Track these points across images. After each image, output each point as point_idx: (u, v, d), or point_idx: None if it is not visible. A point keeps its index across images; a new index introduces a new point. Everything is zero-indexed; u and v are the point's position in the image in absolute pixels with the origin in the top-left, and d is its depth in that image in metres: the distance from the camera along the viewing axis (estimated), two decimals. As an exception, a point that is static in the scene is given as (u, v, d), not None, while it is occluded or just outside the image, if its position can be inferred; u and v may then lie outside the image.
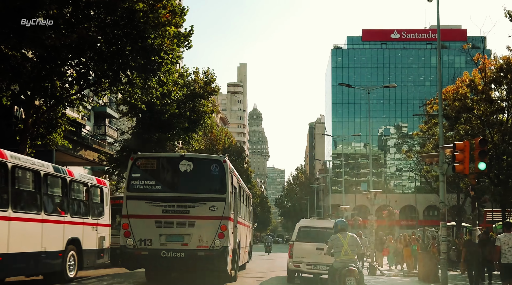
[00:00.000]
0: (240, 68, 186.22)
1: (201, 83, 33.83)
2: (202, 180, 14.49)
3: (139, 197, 14.17)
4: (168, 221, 13.96)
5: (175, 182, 14.62)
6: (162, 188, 14.38)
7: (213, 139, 69.25)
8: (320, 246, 15.69)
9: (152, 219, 13.96)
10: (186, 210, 14.03)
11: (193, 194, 14.17)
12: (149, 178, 14.37)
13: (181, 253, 13.76)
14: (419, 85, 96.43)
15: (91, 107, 41.02)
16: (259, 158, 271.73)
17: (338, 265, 10.28)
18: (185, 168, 14.37)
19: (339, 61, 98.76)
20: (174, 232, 13.94)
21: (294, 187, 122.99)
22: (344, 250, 10.21)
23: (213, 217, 14.00)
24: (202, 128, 33.77)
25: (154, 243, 13.83)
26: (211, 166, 14.51)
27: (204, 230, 13.96)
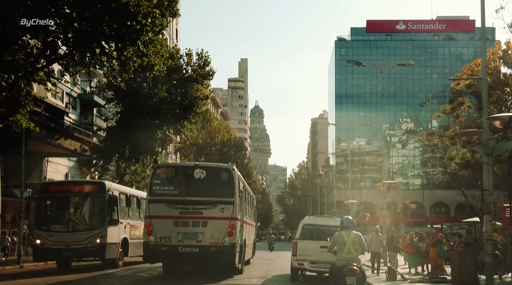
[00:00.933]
0: (241, 63, 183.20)
1: (194, 67, 30.78)
2: (213, 185, 16.69)
3: (160, 200, 16.45)
4: (185, 221, 16.29)
5: (190, 188, 16.95)
6: (179, 193, 16.83)
7: (211, 132, 66.11)
8: (324, 244, 15.72)
9: (170, 219, 16.25)
10: (200, 211, 16.32)
11: (206, 198, 16.47)
12: (168, 184, 16.95)
13: (195, 248, 16.04)
14: (426, 78, 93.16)
15: (77, 94, 37.99)
16: (261, 155, 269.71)
17: (339, 264, 9.92)
18: (199, 175, 16.71)
19: (343, 53, 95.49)
20: (190, 230, 16.22)
21: (296, 184, 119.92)
22: (347, 248, 9.86)
23: (223, 218, 16.27)
24: (196, 115, 30.62)
25: (172, 240, 16.11)
26: (221, 173, 16.86)
27: (216, 229, 16.20)
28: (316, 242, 16.61)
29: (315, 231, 17.12)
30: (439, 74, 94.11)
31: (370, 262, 20.61)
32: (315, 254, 16.55)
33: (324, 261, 16.08)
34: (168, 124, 29.52)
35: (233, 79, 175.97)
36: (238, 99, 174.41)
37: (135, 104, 27.67)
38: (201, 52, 30.61)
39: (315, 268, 16.81)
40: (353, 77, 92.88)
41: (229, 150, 65.36)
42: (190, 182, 16.95)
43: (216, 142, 64.91)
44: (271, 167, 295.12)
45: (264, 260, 29.19)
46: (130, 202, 22.98)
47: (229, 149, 65.39)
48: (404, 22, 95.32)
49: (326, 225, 17.11)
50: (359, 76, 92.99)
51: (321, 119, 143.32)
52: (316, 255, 16.54)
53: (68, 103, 36.14)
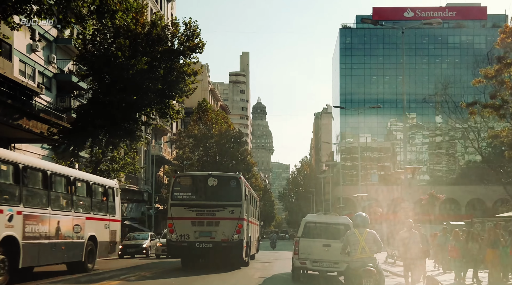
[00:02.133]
0: (243, 57, 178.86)
1: (181, 38, 26.63)
2: (224, 191, 19.80)
3: (180, 204, 19.48)
4: (200, 221, 19.37)
5: (205, 193, 19.89)
6: (196, 198, 19.87)
7: (208, 123, 61.87)
8: (327, 242, 15.97)
9: (189, 220, 19.31)
10: (213, 213, 19.41)
11: (217, 201, 19.60)
12: (186, 190, 19.96)
13: (210, 244, 19.17)
14: (435, 68, 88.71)
15: (53, 74, 33.78)
16: (263, 152, 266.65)
17: (354, 265, 9.25)
18: (212, 183, 19.76)
19: (348, 42, 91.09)
20: (205, 229, 19.32)
21: (298, 180, 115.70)
22: (361, 247, 9.18)
23: (232, 218, 19.39)
24: (182, 93, 26.46)
25: (190, 237, 19.19)
26: (230, 181, 20.03)
27: (226, 228, 19.33)
28: (319, 240, 16.33)
29: (317, 228, 16.78)
30: (448, 63, 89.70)
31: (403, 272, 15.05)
32: (317, 253, 16.17)
33: (327, 260, 15.99)
34: (150, 103, 25.32)
35: (234, 73, 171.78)
36: (240, 93, 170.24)
37: (108, 78, 23.49)
38: (189, 21, 26.49)
39: (318, 267, 16.37)
40: (359, 66, 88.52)
41: (228, 142, 61.08)
42: (204, 189, 20.07)
43: (214, 133, 60.69)
44: (274, 164, 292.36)
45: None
46: (33, 181, 14.23)
47: (228, 141, 61.11)
48: (412, 9, 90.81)
49: (329, 222, 16.84)
50: (364, 66, 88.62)
51: (324, 113, 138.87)
52: (318, 253, 16.16)
53: (41, 83, 31.94)
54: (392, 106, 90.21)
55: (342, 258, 14.57)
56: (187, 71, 26.19)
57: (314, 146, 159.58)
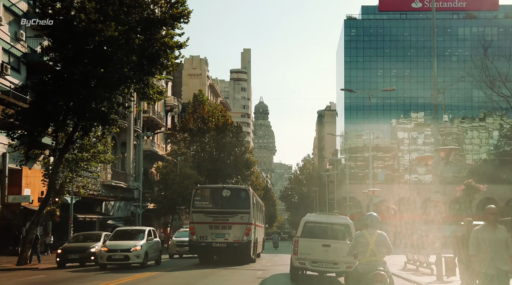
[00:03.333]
0: (244, 54, 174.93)
1: (163, 5, 22.70)
2: (235, 200, 24.31)
3: (199, 211, 24.02)
4: (216, 225, 23.76)
5: (220, 202, 24.35)
6: (212, 206, 24.31)
7: (205, 117, 57.85)
8: (326, 242, 15.93)
9: (207, 224, 23.76)
10: (227, 219, 23.85)
11: (230, 209, 24.06)
12: (205, 200, 24.48)
13: (224, 244, 23.50)
14: (445, 61, 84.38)
15: (22, 54, 29.77)
16: (265, 152, 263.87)
17: (362, 268, 8.59)
18: (226, 193, 24.47)
19: (353, 34, 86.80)
20: (220, 231, 23.72)
21: (301, 179, 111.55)
22: (370, 250, 8.57)
23: (242, 223, 23.89)
24: (163, 68, 22.45)
25: (208, 238, 23.58)
26: (241, 192, 24.84)
27: (237, 231, 23.74)
28: (319, 240, 16.12)
29: (317, 228, 16.55)
30: (459, 56, 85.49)
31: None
32: (317, 253, 16.00)
33: (326, 260, 15.92)
34: (125, 80, 21.30)
35: (235, 70, 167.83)
36: (241, 91, 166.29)
37: (70, 47, 19.48)
38: (172, -15, 22.53)
39: (317, 267, 16.18)
40: (364, 59, 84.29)
41: (225, 136, 57.07)
42: (219, 198, 24.15)
43: (210, 127, 56.69)
44: (276, 165, 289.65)
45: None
46: None
47: (225, 135, 57.11)
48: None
49: (329, 222, 16.74)
50: (370, 59, 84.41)
51: (328, 111, 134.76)
52: (318, 254, 15.99)
53: (7, 63, 27.95)
54: (399, 102, 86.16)
55: (341, 259, 15.22)
56: (169, 43, 22.17)
57: (317, 145, 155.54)
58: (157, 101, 24.54)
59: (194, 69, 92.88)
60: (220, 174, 56.06)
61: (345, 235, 15.70)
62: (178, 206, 47.54)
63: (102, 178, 42.66)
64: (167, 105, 64.26)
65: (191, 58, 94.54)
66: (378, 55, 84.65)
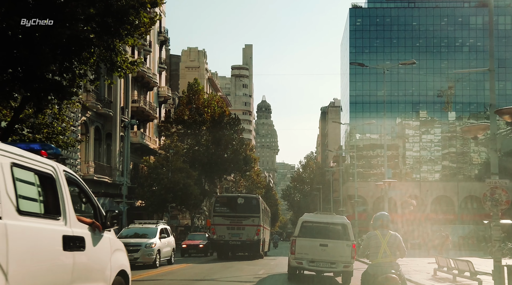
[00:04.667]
0: (245, 50, 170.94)
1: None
2: (248, 207, 29.62)
3: (219, 215, 29.58)
4: (233, 226, 29.08)
5: (235, 208, 29.73)
6: (229, 211, 29.69)
7: (200, 107, 53.65)
8: (323, 242, 16.03)
9: (225, 226, 29.14)
10: (241, 221, 29.15)
11: (244, 213, 29.34)
12: (223, 206, 30.16)
13: (238, 242, 28.75)
14: (455, 51, 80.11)
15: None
16: (268, 152, 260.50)
17: (373, 270, 8.25)
18: (240, 201, 30.09)
19: (359, 23, 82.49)
20: (235, 232, 29.00)
21: (304, 177, 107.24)
22: (383, 251, 8.26)
23: (253, 225, 29.17)
24: (133, 30, 18.19)
25: (226, 237, 29.01)
26: (252, 200, 30.69)
27: (249, 231, 28.94)
28: (316, 240, 16.17)
29: (314, 228, 16.64)
30: (470, 47, 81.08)
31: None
32: (314, 253, 16.01)
33: (324, 260, 15.95)
34: (80, 40, 16.97)
35: (236, 67, 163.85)
36: (242, 88, 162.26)
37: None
38: None
39: (314, 267, 16.21)
40: (370, 49, 79.97)
41: (222, 129, 52.81)
42: (235, 205, 30.03)
43: (206, 118, 52.47)
44: (279, 165, 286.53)
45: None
46: None
47: (222, 127, 52.86)
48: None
49: (326, 222, 16.86)
50: (377, 49, 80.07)
51: (331, 107, 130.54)
52: (315, 253, 16.00)
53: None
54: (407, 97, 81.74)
55: (339, 258, 15.53)
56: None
57: (321, 142, 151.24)
58: (131, 73, 20.23)
59: (192, 61, 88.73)
60: (217, 169, 51.92)
61: (342, 235, 16.04)
62: (169, 204, 43.34)
63: (82, 172, 38.54)
64: (161, 96, 60.10)
65: (188, 50, 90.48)
66: (385, 46, 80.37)
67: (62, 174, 5.66)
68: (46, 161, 5.45)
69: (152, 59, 57.19)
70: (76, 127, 35.81)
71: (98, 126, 42.03)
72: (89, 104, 39.04)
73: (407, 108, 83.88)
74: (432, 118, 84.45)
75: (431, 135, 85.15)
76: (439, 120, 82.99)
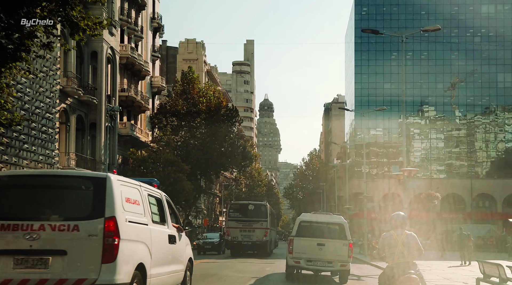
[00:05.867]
0: (247, 45, 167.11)
1: None
2: (257, 212, 34.20)
3: (233, 219, 34.34)
4: (244, 229, 33.46)
5: (247, 213, 34.22)
6: (241, 216, 34.14)
7: (195, 97, 49.82)
8: (321, 241, 16.39)
9: (238, 228, 33.55)
10: (251, 225, 33.51)
11: (254, 218, 33.84)
12: (236, 211, 34.85)
13: (249, 242, 33.33)
14: (466, 42, 76.12)
15: None
16: (270, 151, 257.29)
17: (391, 271, 7.99)
18: (251, 207, 34.79)
19: (364, 12, 78.41)
20: (247, 233, 33.34)
21: (307, 175, 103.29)
22: (399, 252, 8.00)
23: (262, 228, 33.58)
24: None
25: (238, 238, 33.36)
26: (261, 207, 35.34)
27: (259, 233, 33.36)
28: (313, 239, 16.47)
29: (312, 228, 16.93)
30: (482, 37, 77.06)
31: None
32: (312, 252, 16.33)
33: (321, 259, 16.23)
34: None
35: (238, 63, 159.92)
36: (244, 84, 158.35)
37: None
38: None
39: (311, 266, 16.57)
40: (377, 40, 75.91)
41: (219, 120, 48.93)
42: (246, 211, 34.52)
43: (201, 109, 48.64)
44: (281, 164, 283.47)
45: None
46: None
47: (219, 119, 48.97)
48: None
49: (324, 221, 17.17)
50: (383, 39, 76.01)
51: (335, 103, 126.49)
52: (312, 253, 16.32)
53: None
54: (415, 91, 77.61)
55: (336, 258, 16.10)
56: None
57: (324, 140, 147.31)
58: (95, 36, 16.36)
59: (190, 53, 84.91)
60: (212, 163, 48.09)
61: (339, 234, 16.32)
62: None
63: (61, 164, 34.76)
64: (154, 86, 56.31)
65: (186, 42, 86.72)
66: (392, 36, 76.29)
67: (164, 198, 9.56)
68: (157, 190, 9.41)
69: (144, 46, 53.40)
70: (54, 114, 32.04)
71: (80, 115, 38.25)
72: (69, 90, 35.25)
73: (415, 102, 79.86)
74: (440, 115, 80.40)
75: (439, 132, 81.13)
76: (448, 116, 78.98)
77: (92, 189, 7.10)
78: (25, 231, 6.76)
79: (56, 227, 6.78)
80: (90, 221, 6.86)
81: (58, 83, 33.49)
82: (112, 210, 6.88)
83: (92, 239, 6.79)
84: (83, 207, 7.03)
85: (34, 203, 7.17)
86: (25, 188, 7.36)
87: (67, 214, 7.00)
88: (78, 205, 7.13)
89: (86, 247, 6.79)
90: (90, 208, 6.96)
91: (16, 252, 6.78)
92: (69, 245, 6.78)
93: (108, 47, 41.32)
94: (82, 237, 6.79)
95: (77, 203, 7.14)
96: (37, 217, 6.84)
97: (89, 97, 37.79)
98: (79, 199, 7.17)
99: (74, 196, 7.28)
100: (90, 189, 7.10)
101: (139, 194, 8.00)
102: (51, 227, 6.79)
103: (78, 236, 6.79)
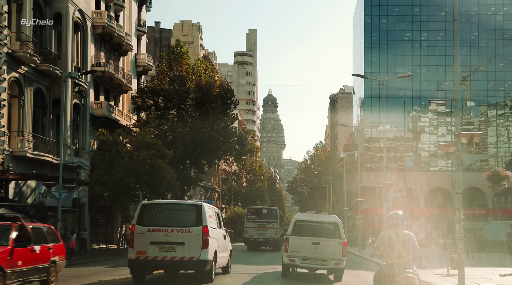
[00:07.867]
0: (249, 35, 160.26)
1: None
2: (270, 215, 41.35)
3: (250, 221, 41.17)
4: (259, 228, 40.44)
5: (261, 215, 41.14)
6: (257, 218, 40.97)
7: (184, 74, 43.23)
8: (315, 240, 16.81)
9: (254, 228, 40.54)
10: (265, 225, 40.45)
11: (267, 220, 40.76)
12: (253, 214, 41.64)
13: (263, 239, 40.34)
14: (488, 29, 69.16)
15: None
16: (274, 147, 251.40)
17: (388, 270, 8.14)
18: (264, 211, 42.14)
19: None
20: (261, 232, 40.34)
21: (312, 169, 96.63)
22: (397, 251, 8.15)
23: (273, 228, 40.63)
24: None
25: (254, 236, 40.40)
26: (273, 211, 42.66)
27: (271, 232, 40.42)
28: (308, 238, 16.89)
29: (307, 227, 17.26)
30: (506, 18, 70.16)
31: None
32: (306, 251, 16.75)
33: (315, 257, 16.61)
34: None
35: (240, 53, 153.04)
36: (246, 76, 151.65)
37: None
38: None
39: (306, 264, 16.92)
40: (388, 19, 69.05)
41: (210, 101, 42.26)
42: (261, 214, 41.40)
43: (190, 87, 42.12)
44: (286, 161, 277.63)
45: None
46: None
47: (210, 100, 42.30)
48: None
49: (318, 221, 17.43)
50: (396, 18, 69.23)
51: (341, 94, 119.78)
52: (307, 251, 16.74)
53: None
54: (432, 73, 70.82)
55: (330, 256, 16.46)
56: None
57: (329, 133, 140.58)
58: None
59: (185, 36, 78.35)
60: (203, 149, 41.60)
61: (334, 233, 16.72)
62: (134, 192, 32.99)
63: (12, 147, 28.36)
64: (139, 65, 49.83)
65: (181, 23, 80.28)
66: (405, 15, 69.55)
67: (219, 212, 16.96)
68: (215, 207, 17.13)
69: (126, 17, 46.91)
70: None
71: (40, 88, 31.76)
72: (21, 55, 28.74)
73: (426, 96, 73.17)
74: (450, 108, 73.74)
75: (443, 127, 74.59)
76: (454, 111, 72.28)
77: (195, 210, 14.56)
78: (164, 232, 14.17)
79: (179, 230, 14.26)
80: (195, 227, 14.21)
81: (5, 45, 27.10)
82: (205, 221, 14.26)
83: (197, 236, 14.06)
84: (191, 220, 14.38)
85: (168, 218, 14.70)
86: (163, 210, 15.04)
87: (184, 223, 14.38)
88: (189, 218, 14.44)
89: (194, 240, 14.06)
90: (195, 220, 14.30)
91: (160, 243, 14.11)
92: (186, 239, 14.11)
93: (76, 9, 34.88)
94: (192, 235, 14.13)
95: (189, 218, 14.40)
96: (169, 225, 14.30)
97: (49, 66, 31.30)
98: (189, 216, 14.45)
99: (187, 214, 14.72)
100: (194, 210, 14.52)
101: (212, 211, 15.69)
102: (177, 230, 14.28)
103: (190, 235, 14.14)
